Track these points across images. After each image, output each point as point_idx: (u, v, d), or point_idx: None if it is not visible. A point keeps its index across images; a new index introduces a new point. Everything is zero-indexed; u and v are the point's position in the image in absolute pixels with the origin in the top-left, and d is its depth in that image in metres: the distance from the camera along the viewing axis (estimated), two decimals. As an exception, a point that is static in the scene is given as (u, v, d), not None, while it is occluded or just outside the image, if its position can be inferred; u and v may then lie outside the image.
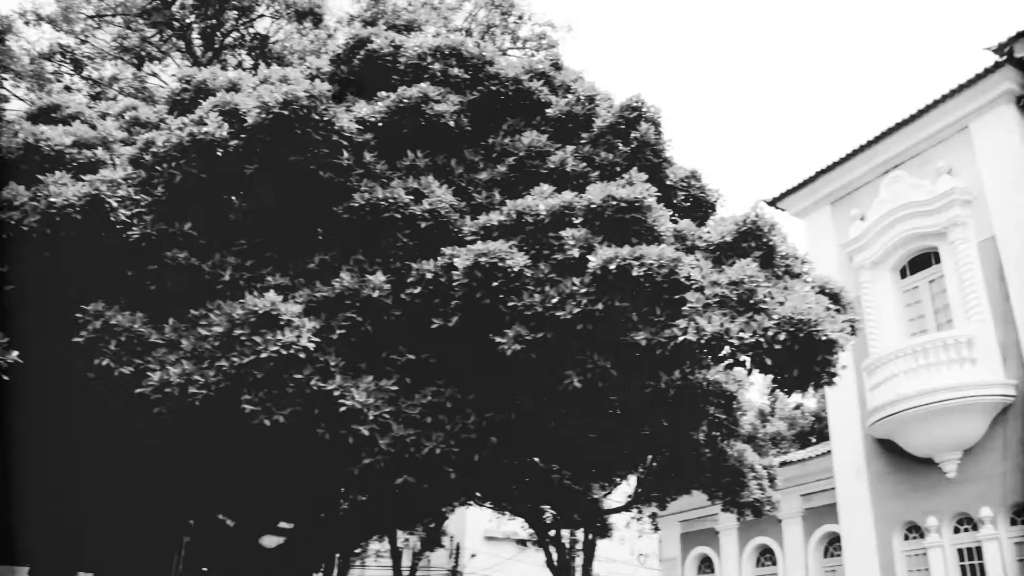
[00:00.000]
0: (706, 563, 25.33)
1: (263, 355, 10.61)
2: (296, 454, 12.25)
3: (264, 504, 14.77)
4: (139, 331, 11.31)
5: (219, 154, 12.20)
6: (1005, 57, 17.46)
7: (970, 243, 17.66)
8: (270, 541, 14.99)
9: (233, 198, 13.09)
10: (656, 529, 29.44)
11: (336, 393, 10.91)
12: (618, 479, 21.01)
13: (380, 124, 13.34)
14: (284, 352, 10.68)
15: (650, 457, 18.07)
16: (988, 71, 17.54)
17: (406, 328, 11.99)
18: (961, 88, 17.95)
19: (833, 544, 21.70)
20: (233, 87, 14.01)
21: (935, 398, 16.66)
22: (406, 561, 34.38)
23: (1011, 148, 17.38)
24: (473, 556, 41.38)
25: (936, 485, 17.34)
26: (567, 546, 28.96)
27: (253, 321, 10.89)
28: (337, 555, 29.07)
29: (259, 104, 12.02)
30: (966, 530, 16.98)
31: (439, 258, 11.65)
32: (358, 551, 34.24)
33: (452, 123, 13.32)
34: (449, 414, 11.73)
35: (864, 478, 18.77)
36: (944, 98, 18.20)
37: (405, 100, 13.23)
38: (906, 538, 18.04)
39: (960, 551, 16.97)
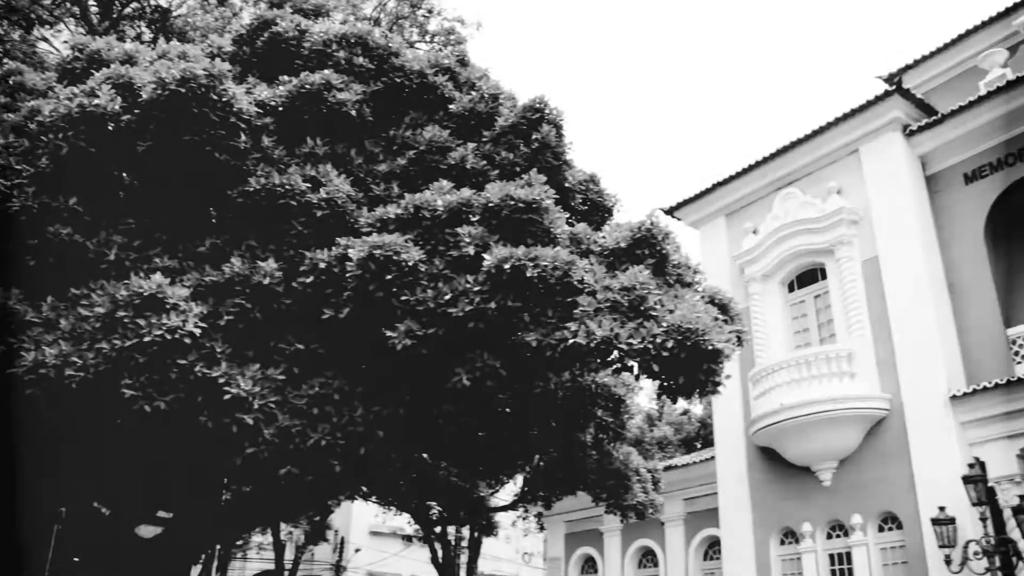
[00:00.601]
0: (590, 563, 25.63)
1: (146, 339, 10.30)
2: (177, 442, 11.93)
3: (142, 492, 14.33)
4: (13, 308, 10.84)
5: (110, 128, 11.78)
6: (894, 87, 18.16)
7: (855, 261, 18.31)
8: (147, 531, 14.50)
9: (123, 175, 12.65)
10: (542, 528, 29.67)
11: (221, 380, 10.66)
12: (505, 478, 21.14)
13: (281, 109, 13.09)
14: (168, 336, 10.39)
15: (537, 457, 18.21)
16: (879, 98, 18.21)
17: (296, 317, 11.79)
18: (853, 113, 18.58)
19: (713, 547, 22.20)
20: (129, 59, 13.54)
21: (815, 409, 17.21)
22: (289, 554, 33.86)
23: (897, 173, 18.08)
24: (358, 551, 41.00)
25: (812, 493, 17.93)
26: (453, 543, 28.97)
27: (137, 303, 10.55)
28: (218, 547, 28.45)
29: (155, 79, 11.65)
30: (838, 536, 17.61)
31: (334, 248, 11.49)
32: (240, 543, 33.60)
33: (354, 112, 13.16)
34: (336, 406, 11.58)
35: (745, 484, 19.27)
36: (837, 121, 18.82)
37: (308, 86, 13.01)
38: (782, 543, 18.59)
39: (832, 556, 17.59)
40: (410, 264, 10.96)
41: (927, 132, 18.08)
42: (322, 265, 11.35)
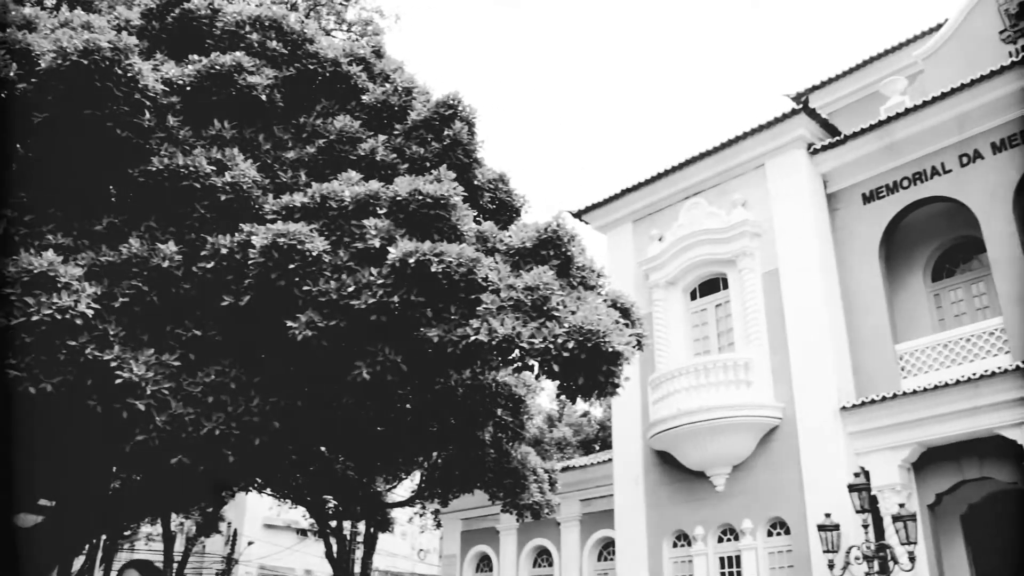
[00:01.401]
0: (485, 562, 25.69)
1: (34, 318, 9.92)
2: (63, 427, 11.52)
3: (23, 479, 13.79)
4: None
5: (3, 96, 11.31)
6: (801, 106, 18.68)
7: (755, 273, 18.78)
8: (27, 520, 13.94)
9: (17, 146, 12.17)
10: (438, 526, 29.63)
11: (113, 364, 10.33)
12: (403, 474, 21.03)
13: (188, 88, 12.77)
14: (59, 316, 10.02)
15: (436, 454, 18.16)
16: (786, 116, 18.70)
17: (195, 303, 11.52)
18: (761, 129, 19.05)
19: (608, 548, 22.48)
20: (28, 25, 12.99)
21: (712, 415, 17.57)
22: (179, 546, 33.03)
23: (799, 190, 18.61)
24: (251, 544, 40.23)
25: (706, 497, 18.31)
26: (348, 538, 28.69)
27: (27, 280, 10.13)
28: (104, 537, 27.61)
29: (56, 48, 11.20)
30: (729, 540, 18.02)
31: (237, 234, 11.25)
32: (128, 533, 32.60)
33: (264, 97, 12.91)
34: (232, 395, 11.35)
35: (641, 487, 19.56)
36: (744, 136, 19.27)
37: (218, 67, 12.72)
38: (675, 545, 18.93)
39: (722, 559, 17.99)
40: (314, 254, 10.82)
41: (830, 152, 18.65)
42: (224, 251, 11.10)
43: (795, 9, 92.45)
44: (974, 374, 15.26)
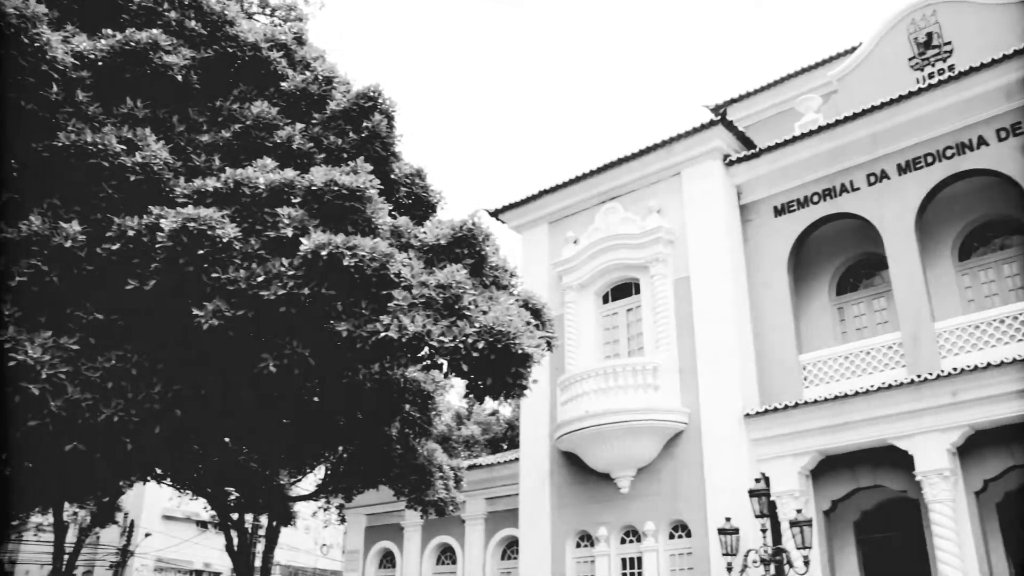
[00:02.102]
0: (388, 558, 25.53)
1: (-82, 295, 9.52)
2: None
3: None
4: None
5: None
6: (719, 117, 19.01)
7: (667, 279, 19.04)
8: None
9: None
10: (342, 521, 29.31)
11: (7, 345, 9.97)
12: (308, 467, 20.71)
13: (101, 63, 12.35)
14: (-52, 294, 9.64)
15: (342, 448, 17.95)
16: (704, 127, 19.02)
17: (98, 285, 11.17)
18: (679, 137, 19.32)
19: (511, 547, 22.54)
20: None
21: (619, 418, 17.75)
22: (71, 537, 31.91)
23: (713, 199, 18.94)
24: (148, 535, 39.13)
25: (610, 499, 18.49)
26: (250, 531, 28.17)
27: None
28: (-10, 525, 26.53)
29: (-44, 15, 10.77)
30: (631, 541, 18.23)
31: (145, 216, 10.94)
32: (16, 523, 31.39)
33: (180, 78, 12.59)
34: (133, 382, 11.05)
35: (547, 487, 19.65)
36: (663, 144, 19.51)
37: (133, 43, 12.34)
38: (578, 546, 19.08)
39: (624, 560, 18.20)
40: (224, 241, 10.61)
41: (744, 164, 19.04)
42: (131, 233, 10.80)
43: (717, 22, 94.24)
44: (872, 386, 15.75)
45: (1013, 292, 16.84)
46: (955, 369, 14.98)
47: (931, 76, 17.67)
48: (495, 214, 22.25)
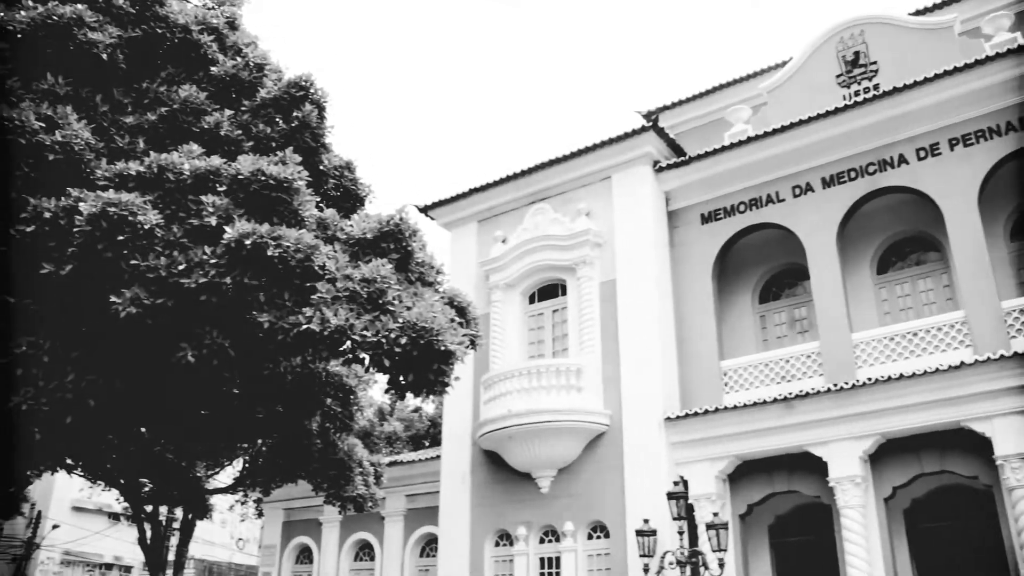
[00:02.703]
0: (306, 553, 25.22)
1: None
2: None
3: None
4: None
5: None
6: (651, 124, 19.20)
7: (593, 282, 19.18)
8: None
9: None
10: (260, 515, 28.89)
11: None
12: (226, 459, 20.35)
13: (20, 36, 11.94)
14: None
15: (260, 441, 17.67)
16: (635, 132, 19.20)
17: (10, 267, 10.81)
18: (610, 142, 19.46)
19: (430, 544, 22.45)
20: None
21: (541, 418, 17.82)
22: (-28, 528, 30.83)
23: (642, 205, 19.13)
24: (56, 527, 37.87)
25: (530, 498, 18.55)
26: (163, 524, 27.57)
27: None
28: None
29: None
30: (550, 541, 18.31)
31: (63, 198, 10.63)
32: (-87, 515, 30.16)
33: (105, 56, 12.25)
34: (45, 369, 10.73)
35: (467, 485, 19.63)
36: (594, 147, 19.65)
37: (55, 17, 11.98)
38: (497, 544, 19.09)
39: (543, 559, 18.26)
40: (146, 227, 10.37)
41: (674, 171, 19.27)
42: (47, 215, 10.49)
43: (652, 28, 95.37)
44: (790, 393, 16.09)
45: (927, 306, 17.36)
46: (870, 379, 15.38)
47: (857, 94, 18.08)
48: (424, 210, 22.14)
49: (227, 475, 23.39)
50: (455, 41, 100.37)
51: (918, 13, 20.00)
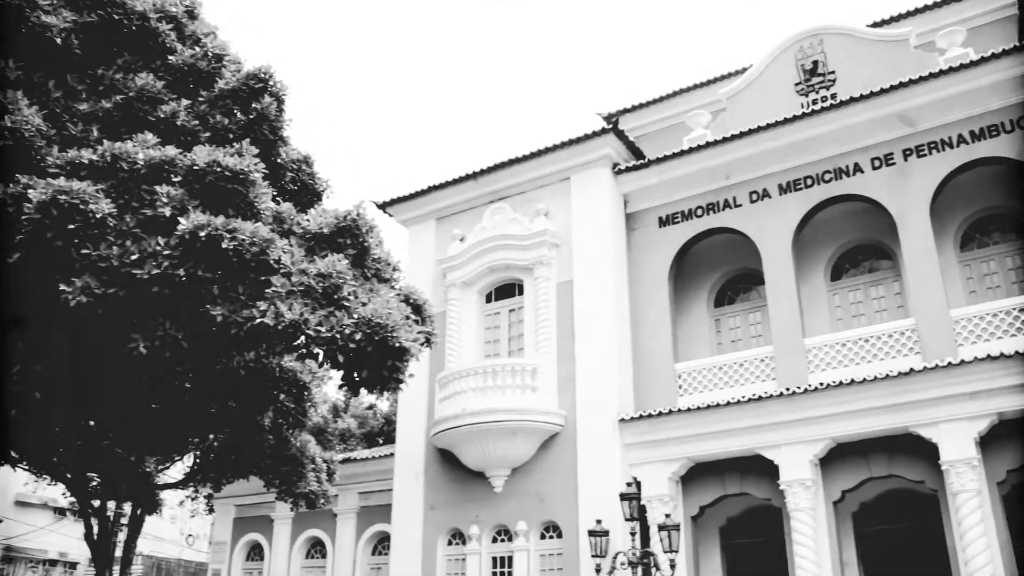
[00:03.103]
0: (256, 550, 24.97)
1: None
2: None
3: None
4: None
5: None
6: (611, 126, 19.27)
7: (551, 282, 19.21)
8: None
9: None
10: (211, 511, 28.53)
11: None
12: (177, 454, 20.05)
13: (-32, 18, 11.69)
14: None
15: (212, 436, 17.45)
16: (596, 134, 19.25)
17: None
18: (570, 143, 19.50)
19: (383, 542, 22.34)
20: None
21: (496, 418, 17.80)
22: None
23: (601, 206, 19.19)
24: (-1, 522, 37.16)
25: (484, 497, 18.53)
26: (111, 519, 27.13)
27: None
28: None
29: None
30: (503, 540, 18.30)
31: (12, 185, 10.41)
32: None
33: (60, 40, 12.00)
34: (-11, 360, 10.51)
35: (421, 483, 19.54)
36: (554, 147, 19.67)
37: (8, -1, 11.72)
38: (450, 543, 19.03)
39: (495, 559, 18.24)
40: (98, 216, 10.18)
41: (633, 173, 19.35)
42: (-6, 201, 10.26)
43: (615, 31, 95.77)
44: (743, 397, 16.23)
45: (878, 313, 17.64)
46: (821, 384, 15.58)
47: (815, 102, 18.30)
48: (383, 207, 22.01)
49: (178, 470, 23.05)
50: (418, 38, 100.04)
51: (876, 25, 20.33)
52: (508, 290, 20.24)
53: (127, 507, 27.85)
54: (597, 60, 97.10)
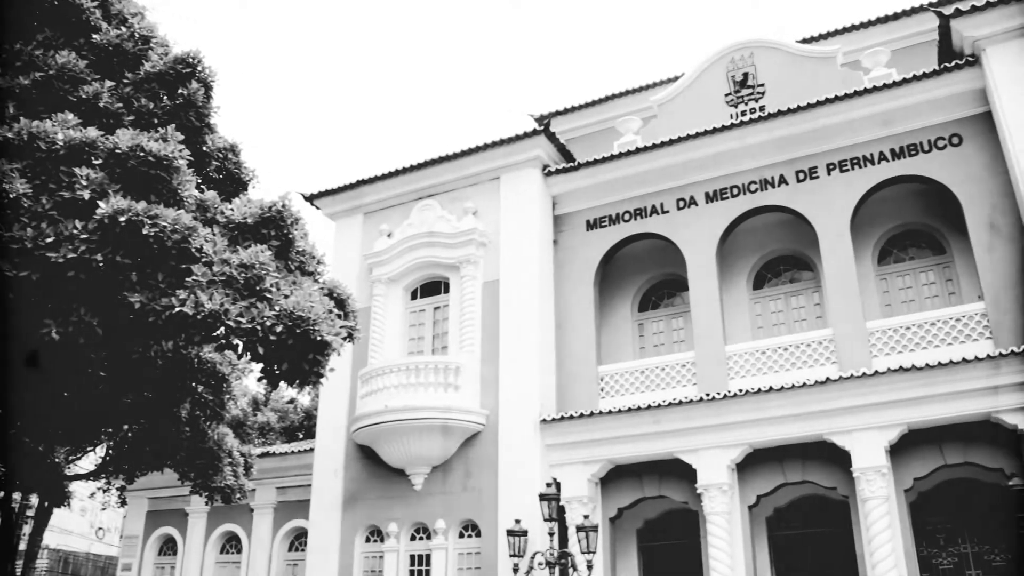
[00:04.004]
0: (170, 544, 24.45)
1: None
2: None
3: None
4: None
5: None
6: (543, 128, 19.35)
7: (477, 281, 19.22)
8: None
9: None
10: (123, 503, 27.86)
11: None
12: (89, 445, 19.51)
13: None
14: None
15: (127, 426, 17.00)
16: (527, 135, 19.34)
17: None
18: (501, 143, 19.55)
19: (300, 538, 22.08)
20: None
21: (417, 415, 17.71)
22: None
23: (529, 207, 19.26)
24: None
25: (403, 495, 18.43)
26: (16, 511, 26.32)
27: None
28: None
29: None
30: (421, 538, 18.23)
31: (-82, 162, 10.03)
32: None
33: (-28, 12, 11.58)
34: None
35: (340, 480, 19.36)
36: (485, 147, 19.70)
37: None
38: (368, 540, 18.89)
39: (413, 556, 18.16)
40: (11, 196, 9.84)
41: (562, 176, 19.46)
42: None
43: (551, 33, 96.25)
44: (664, 401, 16.43)
45: (798, 323, 18.02)
46: (740, 390, 15.85)
47: (744, 113, 18.62)
48: (310, 199, 21.72)
49: (90, 461, 22.43)
50: (352, 32, 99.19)
51: (805, 41, 20.80)
52: (434, 288, 20.18)
53: (33, 499, 27.09)
54: (531, 62, 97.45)
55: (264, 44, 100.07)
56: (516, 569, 15.47)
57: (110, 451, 18.75)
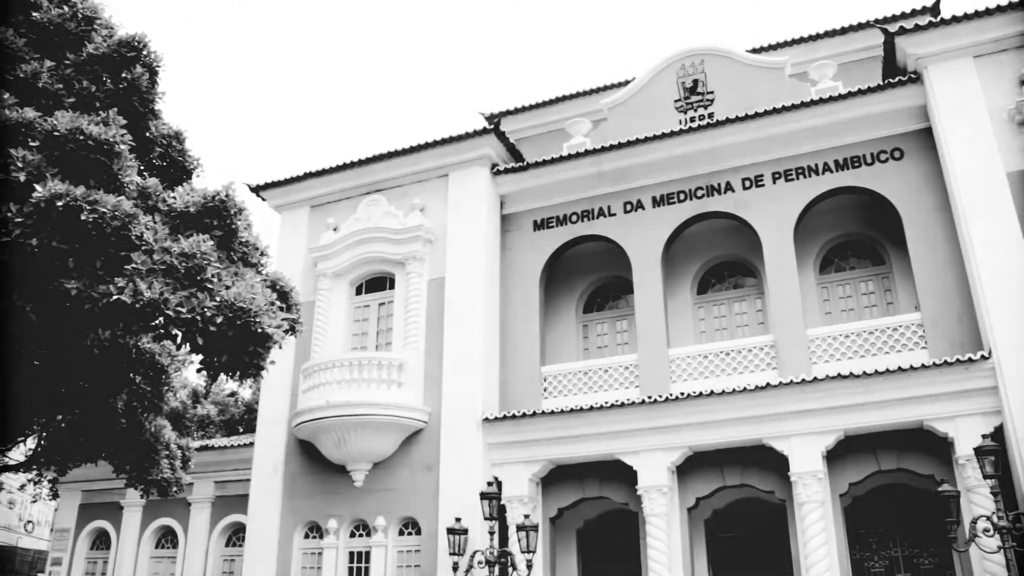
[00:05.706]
0: (103, 538, 23.94)
1: None
2: None
3: None
4: None
5: None
6: (492, 127, 19.34)
7: (422, 278, 19.13)
8: None
9: None
10: (55, 496, 27.20)
11: None
12: (19, 436, 18.99)
13: None
14: None
15: (60, 416, 16.58)
16: (476, 133, 19.33)
17: None
18: (450, 140, 19.51)
19: (238, 533, 21.77)
20: None
21: (360, 411, 17.57)
22: None
23: (477, 206, 19.23)
24: None
25: (343, 491, 18.26)
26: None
27: None
28: None
29: None
30: (361, 535, 18.09)
31: None
32: None
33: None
34: None
35: (280, 475, 19.13)
36: (434, 144, 19.62)
37: None
38: (307, 536, 18.70)
39: (353, 553, 18.01)
40: (-58, 176, 9.56)
41: (511, 175, 19.46)
42: None
43: (504, 31, 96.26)
44: (605, 403, 16.52)
45: (740, 328, 18.26)
46: (682, 394, 16.00)
47: (692, 120, 18.78)
48: (256, 190, 21.45)
49: (20, 452, 21.86)
50: (303, 23, 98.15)
51: (755, 51, 21.06)
52: (379, 283, 20.06)
53: (-39, 489, 26.35)
54: (483, 60, 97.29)
55: (215, 32, 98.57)
56: (456, 567, 15.44)
57: (42, 442, 18.24)
